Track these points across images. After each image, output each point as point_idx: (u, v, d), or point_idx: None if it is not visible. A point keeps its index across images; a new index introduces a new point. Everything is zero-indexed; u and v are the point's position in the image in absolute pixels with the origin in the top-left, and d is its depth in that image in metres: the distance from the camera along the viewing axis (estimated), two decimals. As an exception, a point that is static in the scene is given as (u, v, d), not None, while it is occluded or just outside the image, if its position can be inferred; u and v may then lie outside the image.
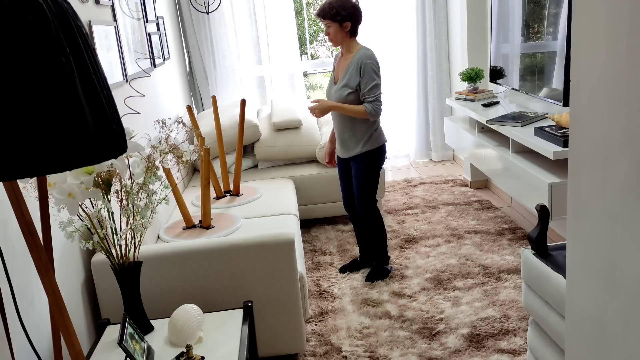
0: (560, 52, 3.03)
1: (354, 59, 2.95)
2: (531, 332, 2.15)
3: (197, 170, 4.21)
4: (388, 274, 3.26)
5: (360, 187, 3.10)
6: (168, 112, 4.12)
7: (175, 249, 2.28)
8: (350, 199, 3.29)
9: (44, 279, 1.28)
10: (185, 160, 2.13)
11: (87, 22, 2.66)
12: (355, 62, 2.94)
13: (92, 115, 1.06)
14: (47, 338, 1.92)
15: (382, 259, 3.26)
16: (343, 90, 2.96)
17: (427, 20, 5.15)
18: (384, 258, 3.26)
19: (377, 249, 3.24)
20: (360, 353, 2.57)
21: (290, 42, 5.24)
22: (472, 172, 4.64)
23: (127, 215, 1.90)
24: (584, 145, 1.06)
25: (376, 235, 3.21)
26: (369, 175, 3.08)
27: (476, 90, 4.17)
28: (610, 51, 0.95)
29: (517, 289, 2.98)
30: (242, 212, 3.32)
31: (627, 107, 0.92)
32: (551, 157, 2.76)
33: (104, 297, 2.28)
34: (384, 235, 3.23)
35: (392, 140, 5.47)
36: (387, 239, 3.26)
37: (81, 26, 1.09)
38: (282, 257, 2.30)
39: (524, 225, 3.80)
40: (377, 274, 3.24)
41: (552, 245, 2.09)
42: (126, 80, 3.14)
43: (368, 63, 2.92)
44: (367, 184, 3.09)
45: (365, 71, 2.91)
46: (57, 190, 1.63)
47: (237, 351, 1.86)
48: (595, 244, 1.05)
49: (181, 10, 5.01)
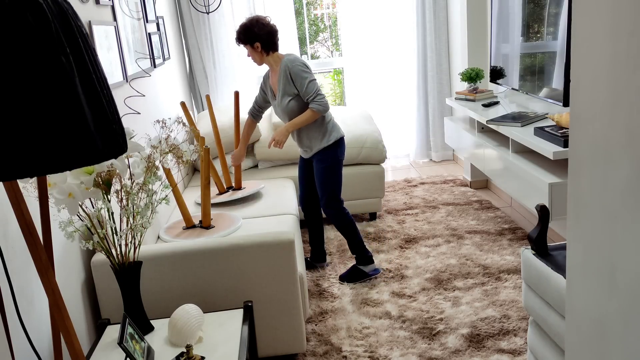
0: (560, 52, 3.04)
1: (280, 70, 3.02)
2: (531, 332, 2.15)
3: (197, 170, 4.21)
4: (365, 276, 3.19)
5: (322, 184, 3.11)
6: (168, 112, 4.12)
7: (175, 249, 2.28)
8: (307, 197, 3.34)
9: (44, 279, 1.28)
10: (185, 160, 2.13)
11: (87, 22, 2.66)
12: (283, 72, 3.00)
13: (92, 115, 1.06)
14: (47, 338, 1.92)
15: (360, 259, 3.21)
16: (284, 100, 3.02)
17: (427, 20, 5.15)
18: (362, 258, 3.20)
19: (352, 249, 3.22)
20: (360, 353, 2.57)
21: (290, 42, 5.24)
22: (472, 172, 4.64)
23: (127, 215, 1.90)
24: (584, 145, 1.06)
25: (347, 234, 3.19)
26: (330, 171, 3.09)
27: (476, 90, 4.17)
28: (610, 51, 0.95)
29: (517, 289, 2.98)
30: (242, 212, 3.32)
31: (627, 107, 0.92)
32: (551, 157, 2.76)
33: (104, 297, 2.28)
34: (355, 232, 3.18)
35: (392, 140, 5.48)
36: (360, 236, 3.20)
37: (81, 26, 1.10)
38: (282, 257, 2.30)
39: (524, 225, 3.80)
40: (351, 276, 3.21)
41: (552, 245, 2.09)
42: (126, 80, 3.14)
43: (293, 67, 2.97)
44: (329, 180, 3.10)
45: (294, 74, 2.96)
46: (57, 190, 1.63)
47: (237, 351, 1.86)
48: (595, 244, 1.05)
49: (181, 10, 5.01)
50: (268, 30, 2.99)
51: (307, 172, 3.28)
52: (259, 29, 2.97)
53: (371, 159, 4.00)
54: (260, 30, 2.98)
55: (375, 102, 5.46)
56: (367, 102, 5.45)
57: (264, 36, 2.98)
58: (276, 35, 3.04)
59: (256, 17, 3.02)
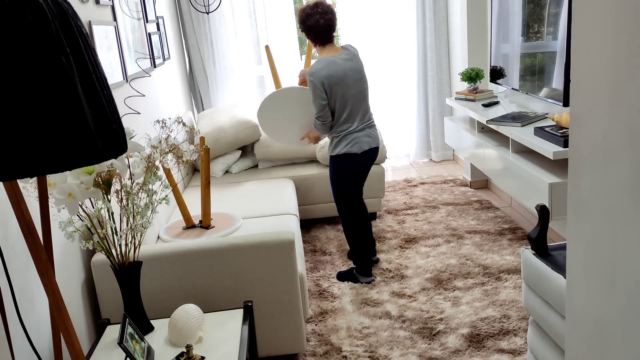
0: (560, 52, 3.03)
1: None
2: (531, 332, 2.15)
3: (197, 170, 4.21)
4: (357, 281, 3.19)
5: (331, 186, 3.17)
6: (168, 112, 4.12)
7: (175, 249, 2.28)
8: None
9: (44, 279, 1.28)
10: (185, 160, 2.13)
11: (87, 22, 2.66)
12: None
13: (92, 115, 1.06)
14: (47, 338, 1.92)
15: (357, 264, 3.21)
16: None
17: (427, 20, 5.15)
18: (358, 264, 3.20)
19: (351, 256, 3.26)
20: (360, 353, 2.57)
21: (290, 42, 5.24)
22: (472, 172, 4.64)
23: (127, 215, 1.90)
24: (584, 145, 1.06)
25: (348, 242, 3.23)
26: (333, 178, 3.12)
27: (476, 90, 4.17)
28: (610, 51, 0.95)
29: (517, 289, 2.98)
30: (242, 212, 3.32)
31: (627, 107, 0.92)
32: (551, 157, 2.76)
33: (104, 297, 2.28)
34: (355, 243, 3.18)
35: (392, 140, 5.48)
36: (362, 248, 3.18)
37: (81, 26, 1.09)
38: (282, 257, 2.30)
39: (524, 225, 3.80)
40: (347, 277, 3.24)
41: (552, 245, 2.09)
42: (126, 80, 3.14)
43: (309, 81, 2.93)
44: (333, 186, 3.15)
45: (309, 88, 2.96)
46: (57, 190, 1.63)
47: (237, 351, 1.86)
48: (595, 244, 1.05)
49: (181, 10, 5.01)
50: (310, 25, 2.95)
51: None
52: (303, 21, 2.98)
53: (371, 159, 4.00)
54: (304, 23, 2.97)
55: (375, 102, 5.46)
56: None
57: (309, 30, 2.98)
58: (318, 32, 2.97)
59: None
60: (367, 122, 3.05)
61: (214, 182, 3.97)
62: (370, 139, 3.05)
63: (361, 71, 3.02)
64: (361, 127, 3.02)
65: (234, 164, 4.13)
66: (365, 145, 3.02)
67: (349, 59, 2.98)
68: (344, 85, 2.92)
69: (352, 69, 2.96)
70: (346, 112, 2.96)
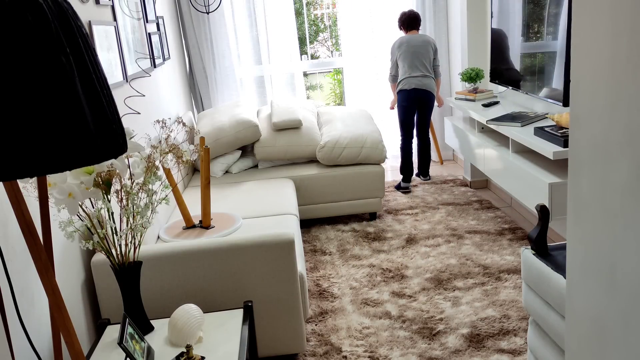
0: (560, 52, 3.03)
1: None
2: (531, 332, 2.15)
3: (197, 170, 4.21)
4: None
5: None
6: (168, 112, 4.12)
7: (175, 249, 2.28)
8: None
9: (44, 279, 1.28)
10: (185, 160, 2.13)
11: (87, 22, 2.66)
12: None
13: (92, 115, 1.06)
14: (47, 338, 1.92)
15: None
16: None
17: (427, 20, 5.15)
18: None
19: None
20: (360, 353, 2.57)
21: (290, 42, 5.24)
22: (472, 172, 4.64)
23: (127, 215, 1.90)
24: (584, 145, 1.06)
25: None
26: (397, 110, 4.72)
27: (476, 90, 4.17)
28: (610, 51, 0.95)
29: (517, 289, 2.98)
30: (242, 212, 3.32)
31: (627, 107, 0.92)
32: (551, 157, 2.76)
33: (104, 297, 2.28)
34: (402, 157, 4.78)
35: (392, 140, 5.47)
36: (403, 160, 4.74)
37: (81, 26, 1.09)
38: (282, 257, 2.30)
39: (524, 225, 3.80)
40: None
41: (552, 245, 2.09)
42: (126, 80, 3.14)
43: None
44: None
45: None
46: (57, 190, 1.63)
47: (237, 351, 1.86)
48: (595, 244, 1.05)
49: (181, 10, 5.01)
50: (401, 18, 4.63)
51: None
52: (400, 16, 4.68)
53: (371, 159, 4.00)
54: (399, 18, 4.65)
55: (375, 102, 5.46)
56: (367, 102, 5.45)
57: (400, 20, 4.65)
58: (404, 22, 4.62)
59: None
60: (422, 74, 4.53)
61: (214, 182, 3.97)
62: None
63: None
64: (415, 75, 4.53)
65: (234, 164, 4.13)
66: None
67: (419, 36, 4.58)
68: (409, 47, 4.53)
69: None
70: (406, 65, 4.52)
